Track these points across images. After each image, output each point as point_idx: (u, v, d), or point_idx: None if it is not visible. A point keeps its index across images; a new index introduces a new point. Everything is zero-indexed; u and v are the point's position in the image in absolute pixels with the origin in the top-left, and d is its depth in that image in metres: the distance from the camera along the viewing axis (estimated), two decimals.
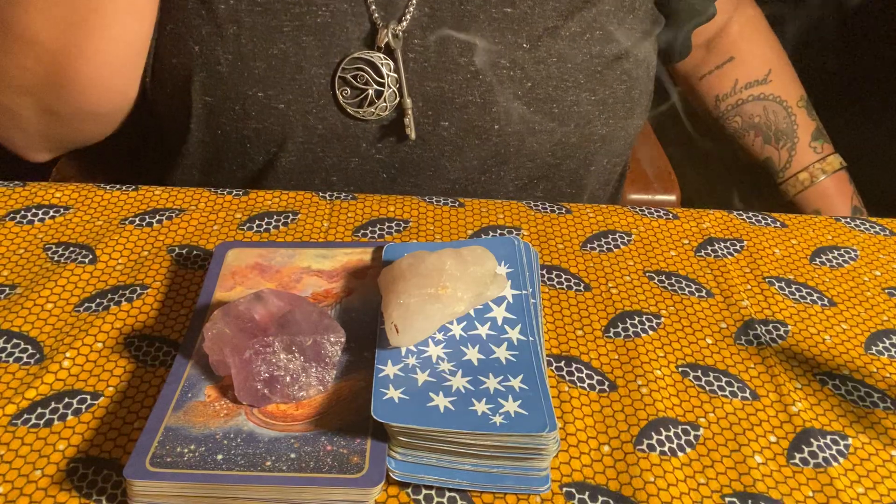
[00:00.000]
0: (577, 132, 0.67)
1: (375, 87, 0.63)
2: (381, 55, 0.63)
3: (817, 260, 0.60)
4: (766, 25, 0.89)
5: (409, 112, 0.63)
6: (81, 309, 0.51)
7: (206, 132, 0.67)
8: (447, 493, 0.41)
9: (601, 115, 0.67)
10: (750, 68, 0.86)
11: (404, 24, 0.63)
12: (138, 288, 0.53)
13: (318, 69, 0.63)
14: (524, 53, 0.64)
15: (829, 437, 0.46)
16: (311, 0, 0.62)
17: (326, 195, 0.63)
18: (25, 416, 0.44)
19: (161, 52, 0.65)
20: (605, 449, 0.44)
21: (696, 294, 0.56)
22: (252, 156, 0.67)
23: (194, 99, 0.65)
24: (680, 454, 0.44)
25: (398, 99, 0.64)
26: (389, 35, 0.62)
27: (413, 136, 0.64)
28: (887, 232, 0.63)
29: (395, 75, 0.63)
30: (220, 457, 0.40)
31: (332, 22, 0.63)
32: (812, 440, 0.46)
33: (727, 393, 0.48)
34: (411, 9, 0.63)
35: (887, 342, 0.53)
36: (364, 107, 0.64)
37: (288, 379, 0.43)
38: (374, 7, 0.63)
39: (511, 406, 0.42)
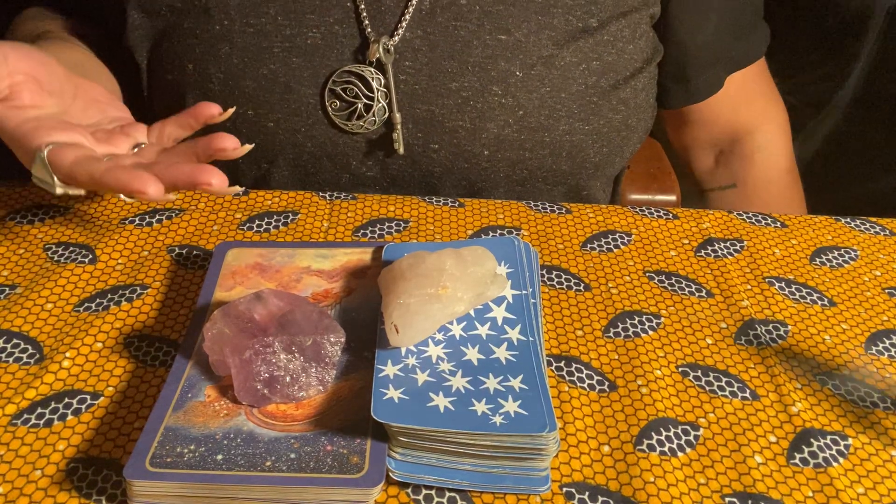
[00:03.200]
0: (570, 160, 0.66)
1: (365, 101, 0.63)
2: (372, 69, 0.63)
3: (817, 260, 0.60)
4: (783, 144, 0.82)
5: (398, 127, 0.64)
6: (81, 309, 0.51)
7: None
8: (447, 493, 0.41)
9: (595, 143, 0.66)
10: (745, 206, 0.81)
11: (396, 38, 0.63)
12: (138, 288, 0.53)
13: (307, 89, 0.63)
14: (517, 81, 0.63)
15: (829, 437, 0.46)
16: (302, 22, 0.63)
17: (326, 195, 0.63)
18: (25, 416, 0.44)
19: (156, 68, 0.67)
20: (605, 449, 0.44)
21: (696, 294, 0.56)
22: (245, 171, 0.68)
23: None
24: (680, 454, 0.44)
25: (387, 114, 0.64)
26: (381, 49, 0.62)
27: (401, 150, 0.64)
28: (887, 232, 0.63)
29: (385, 90, 0.63)
30: (220, 457, 0.40)
31: (322, 44, 0.63)
32: (812, 440, 0.46)
33: (727, 393, 0.48)
34: (404, 24, 0.63)
35: (887, 342, 0.53)
36: (352, 120, 0.64)
37: (288, 379, 0.43)
38: (367, 22, 0.63)
39: (511, 406, 0.42)
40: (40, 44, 0.65)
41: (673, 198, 0.87)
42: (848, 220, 0.64)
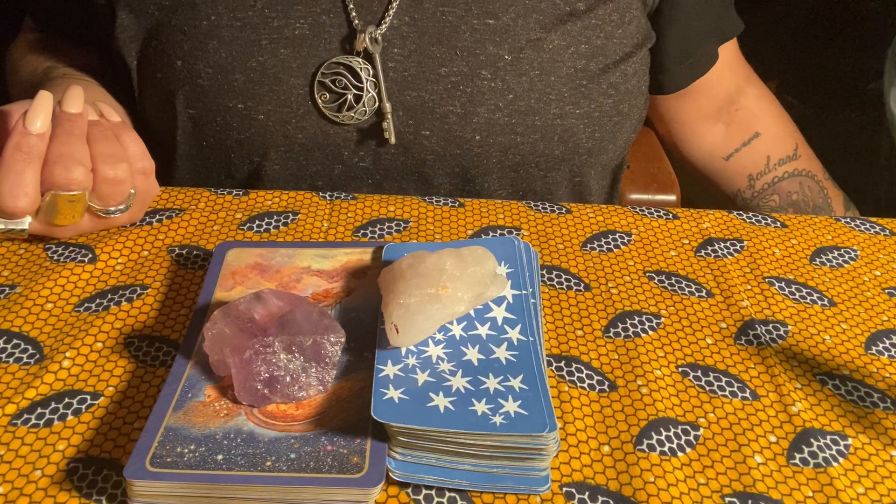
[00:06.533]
0: (562, 145, 0.67)
1: (354, 91, 0.63)
2: (360, 60, 0.63)
3: (817, 260, 0.60)
4: (776, 100, 0.84)
5: (389, 116, 0.64)
6: (81, 309, 0.51)
7: (193, 144, 0.68)
8: (447, 493, 0.41)
9: (586, 128, 0.67)
10: (779, 144, 0.81)
11: (383, 27, 0.63)
12: (138, 288, 0.53)
13: (296, 80, 0.64)
14: (505, 65, 0.63)
15: (829, 437, 0.46)
16: (289, 13, 0.63)
17: (326, 195, 0.63)
18: (25, 416, 0.44)
19: (146, 67, 0.67)
20: (605, 449, 0.44)
21: (696, 294, 0.56)
22: (237, 165, 0.68)
23: (179, 112, 0.66)
24: (680, 454, 0.44)
25: (377, 104, 0.64)
26: (367, 39, 0.62)
27: (392, 139, 0.64)
28: (887, 232, 0.63)
29: (374, 80, 0.63)
30: (220, 457, 0.40)
31: (309, 34, 0.63)
32: (812, 440, 0.46)
33: (727, 393, 0.48)
34: (391, 12, 0.63)
35: (887, 342, 0.53)
36: (343, 111, 0.64)
37: (288, 379, 0.43)
38: (354, 14, 0.63)
39: (511, 406, 0.42)
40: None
41: (673, 198, 0.87)
42: (848, 219, 0.64)
